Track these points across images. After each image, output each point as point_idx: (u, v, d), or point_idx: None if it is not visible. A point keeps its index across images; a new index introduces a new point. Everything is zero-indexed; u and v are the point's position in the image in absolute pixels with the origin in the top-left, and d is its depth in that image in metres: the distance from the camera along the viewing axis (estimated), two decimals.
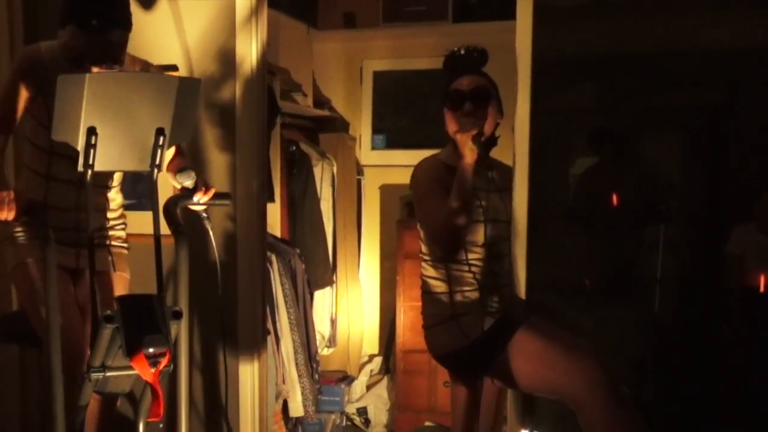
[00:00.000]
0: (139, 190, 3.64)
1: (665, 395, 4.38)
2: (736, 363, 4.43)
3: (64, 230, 2.86)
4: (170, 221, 2.69)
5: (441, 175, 2.93)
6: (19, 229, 2.86)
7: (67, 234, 2.88)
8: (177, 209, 2.72)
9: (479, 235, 2.94)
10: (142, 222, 2.96)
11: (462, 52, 3.03)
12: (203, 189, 2.78)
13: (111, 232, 3.07)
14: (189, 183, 2.77)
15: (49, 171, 2.88)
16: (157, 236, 2.41)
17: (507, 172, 3.16)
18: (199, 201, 2.79)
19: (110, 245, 3.06)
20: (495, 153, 3.14)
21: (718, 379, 4.32)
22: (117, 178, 3.07)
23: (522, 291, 3.10)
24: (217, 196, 2.84)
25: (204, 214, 2.82)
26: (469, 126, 2.85)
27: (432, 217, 2.90)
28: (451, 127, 2.97)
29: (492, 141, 3.02)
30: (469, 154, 2.80)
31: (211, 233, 2.80)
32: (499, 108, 3.04)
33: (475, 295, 2.95)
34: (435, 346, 3.04)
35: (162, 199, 2.60)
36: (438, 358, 3.07)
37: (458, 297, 2.95)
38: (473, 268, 2.95)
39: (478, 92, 2.94)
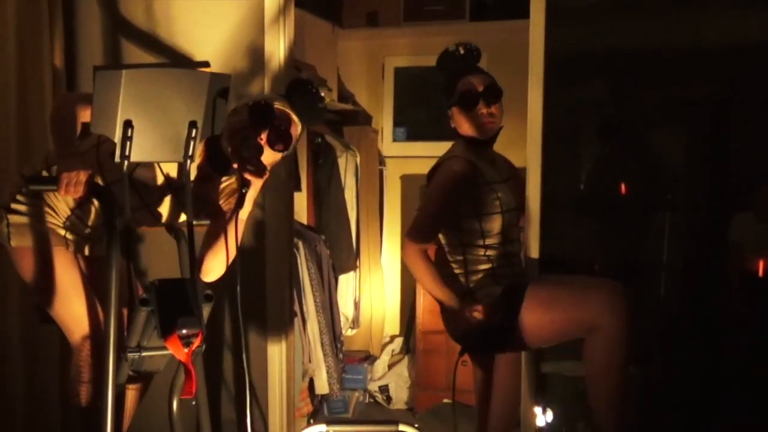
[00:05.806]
0: None
1: (670, 375, 4.35)
2: (737, 344, 4.40)
3: (81, 218, 2.65)
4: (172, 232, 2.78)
5: (463, 185, 2.84)
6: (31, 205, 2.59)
7: (85, 220, 2.67)
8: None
9: (496, 224, 2.89)
10: None
11: (461, 51, 2.95)
12: None
13: None
14: None
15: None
16: (190, 223, 2.39)
17: (507, 163, 3.10)
18: None
19: None
20: (506, 147, 3.11)
21: (721, 359, 4.29)
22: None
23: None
24: None
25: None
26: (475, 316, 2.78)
27: (423, 218, 2.89)
28: (464, 127, 2.93)
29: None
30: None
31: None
32: None
33: (489, 276, 2.92)
34: (452, 327, 3.01)
35: None
36: (455, 339, 3.05)
37: (473, 279, 2.92)
38: (488, 252, 2.92)
39: (490, 91, 2.88)
